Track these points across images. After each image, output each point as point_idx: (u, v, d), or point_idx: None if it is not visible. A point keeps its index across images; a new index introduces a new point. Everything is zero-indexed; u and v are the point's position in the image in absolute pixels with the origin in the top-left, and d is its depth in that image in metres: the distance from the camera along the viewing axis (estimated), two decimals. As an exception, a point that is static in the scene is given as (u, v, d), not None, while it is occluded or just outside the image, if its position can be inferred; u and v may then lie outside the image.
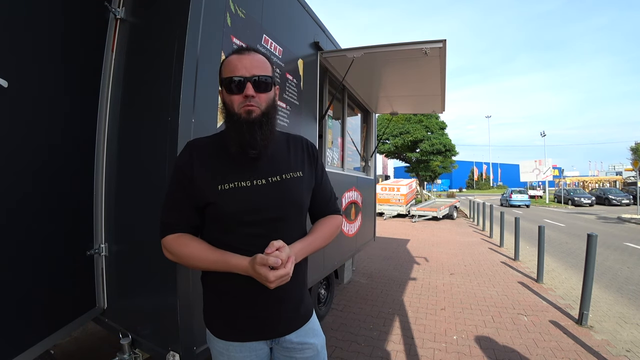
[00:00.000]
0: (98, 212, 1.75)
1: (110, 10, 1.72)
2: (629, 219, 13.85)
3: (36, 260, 1.42)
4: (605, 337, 3.12)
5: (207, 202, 0.93)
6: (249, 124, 0.90)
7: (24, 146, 1.35)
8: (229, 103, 0.93)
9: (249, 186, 0.93)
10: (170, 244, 0.96)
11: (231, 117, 0.93)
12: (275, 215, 0.95)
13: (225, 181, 0.92)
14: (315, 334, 1.07)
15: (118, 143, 1.75)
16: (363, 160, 5.01)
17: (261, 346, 1.01)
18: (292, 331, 1.02)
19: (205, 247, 0.94)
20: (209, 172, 0.94)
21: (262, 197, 0.94)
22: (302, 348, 1.03)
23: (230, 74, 0.91)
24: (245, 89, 0.89)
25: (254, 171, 0.95)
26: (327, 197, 1.13)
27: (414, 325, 3.35)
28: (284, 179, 0.98)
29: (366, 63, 3.06)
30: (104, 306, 1.79)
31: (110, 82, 1.77)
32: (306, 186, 1.03)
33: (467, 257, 6.65)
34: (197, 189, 0.93)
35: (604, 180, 46.23)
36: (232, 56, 0.94)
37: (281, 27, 2.27)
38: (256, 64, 0.92)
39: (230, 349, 0.99)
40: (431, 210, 13.25)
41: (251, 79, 0.90)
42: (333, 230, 1.09)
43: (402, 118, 21.00)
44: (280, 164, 1.00)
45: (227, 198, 0.91)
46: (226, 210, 0.91)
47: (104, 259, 1.78)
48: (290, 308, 1.01)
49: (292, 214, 0.99)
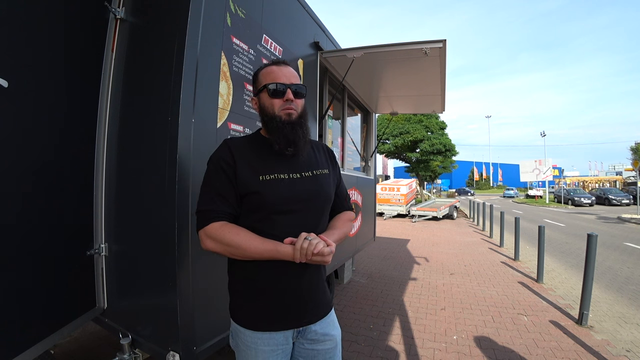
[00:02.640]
0: (98, 212, 1.75)
1: (110, 10, 1.72)
2: (629, 219, 13.85)
3: (36, 260, 1.42)
4: (605, 337, 3.12)
5: (249, 192, 1.00)
6: (291, 124, 1.03)
7: (24, 146, 1.35)
8: (269, 106, 1.05)
9: (287, 179, 1.03)
10: (216, 232, 0.98)
11: (272, 119, 1.05)
12: (308, 206, 1.05)
13: (266, 173, 1.02)
14: (335, 326, 1.16)
15: (118, 143, 1.75)
16: (363, 160, 5.01)
17: (287, 340, 1.06)
18: (319, 319, 1.09)
19: (254, 236, 0.99)
20: (250, 164, 1.03)
21: (298, 190, 1.04)
22: (324, 339, 1.10)
23: (272, 80, 1.05)
24: (286, 94, 1.04)
25: (290, 166, 1.06)
26: (344, 195, 1.26)
27: (414, 325, 3.35)
28: (315, 174, 1.10)
29: (366, 63, 3.07)
30: (104, 306, 1.79)
31: (110, 82, 1.77)
32: (332, 182, 1.16)
33: (467, 257, 6.64)
34: (240, 178, 1.01)
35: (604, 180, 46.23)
36: (272, 67, 1.08)
37: (281, 27, 2.27)
38: (294, 75, 1.09)
39: (259, 342, 1.03)
40: (431, 210, 13.25)
41: (291, 86, 1.05)
42: (351, 225, 1.23)
43: (402, 118, 21.00)
44: (310, 162, 1.12)
45: (268, 188, 1.00)
46: (266, 200, 0.99)
47: (104, 259, 1.78)
48: (320, 293, 1.10)
49: (323, 205, 1.10)
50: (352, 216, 1.25)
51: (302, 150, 1.07)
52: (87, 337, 2.85)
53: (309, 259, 0.94)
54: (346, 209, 1.24)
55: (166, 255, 1.49)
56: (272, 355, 1.03)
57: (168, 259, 1.48)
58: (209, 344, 1.63)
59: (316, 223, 1.06)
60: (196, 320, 1.54)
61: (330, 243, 0.97)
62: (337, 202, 1.20)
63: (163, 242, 1.51)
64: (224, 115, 1.73)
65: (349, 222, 1.20)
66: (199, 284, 1.57)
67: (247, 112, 1.94)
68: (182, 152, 1.47)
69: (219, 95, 1.70)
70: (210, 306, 1.64)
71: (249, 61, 1.93)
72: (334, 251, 0.98)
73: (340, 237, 1.11)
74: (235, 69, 1.82)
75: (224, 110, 1.73)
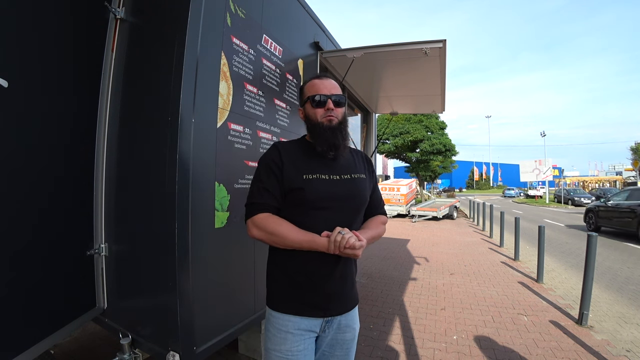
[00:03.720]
0: (98, 212, 1.75)
1: (110, 10, 1.72)
2: (629, 219, 13.82)
3: (36, 260, 1.42)
4: (605, 337, 3.12)
5: (294, 188, 1.10)
6: (332, 130, 1.14)
7: (24, 146, 1.35)
8: (313, 115, 1.17)
9: (327, 179, 1.13)
10: (262, 222, 1.09)
11: (316, 126, 1.16)
12: (344, 205, 1.14)
13: (309, 172, 1.12)
14: (357, 320, 1.25)
15: (118, 143, 1.75)
16: (363, 160, 5.00)
17: (316, 328, 1.14)
18: (346, 311, 1.18)
19: (295, 228, 1.08)
20: (296, 164, 1.14)
21: (337, 189, 1.13)
22: (345, 330, 1.19)
23: (315, 92, 1.17)
24: (327, 103, 1.16)
25: (331, 169, 1.16)
26: (379, 200, 1.35)
27: (414, 325, 3.35)
28: (353, 177, 1.19)
29: (366, 63, 3.07)
30: (104, 306, 1.79)
31: (110, 82, 1.77)
32: (368, 186, 1.25)
33: (467, 257, 6.64)
34: (287, 175, 1.11)
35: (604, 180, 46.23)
36: (315, 80, 1.20)
37: (281, 27, 2.27)
38: (334, 86, 1.19)
39: (289, 325, 1.11)
40: (431, 210, 13.24)
41: (331, 96, 1.16)
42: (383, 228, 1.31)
43: (402, 118, 21.00)
44: (349, 166, 1.22)
45: (311, 186, 1.10)
46: (308, 196, 1.09)
47: (104, 259, 1.78)
48: (349, 287, 1.19)
49: (358, 206, 1.19)
50: (385, 220, 1.34)
51: (342, 154, 1.18)
52: (87, 337, 2.85)
53: (341, 251, 1.01)
54: (380, 213, 1.33)
55: (166, 256, 1.49)
56: (300, 340, 1.11)
57: (168, 259, 1.48)
58: (209, 344, 1.63)
59: (350, 221, 1.13)
60: (196, 320, 1.54)
61: (361, 238, 1.04)
62: (372, 206, 1.29)
63: (163, 242, 1.51)
64: (224, 115, 1.73)
65: (382, 225, 1.28)
66: (199, 284, 1.57)
67: (247, 112, 1.94)
68: (182, 152, 1.47)
69: (219, 95, 1.70)
70: (210, 306, 1.64)
71: (248, 61, 1.93)
72: (365, 246, 1.05)
73: (373, 236, 1.19)
74: (235, 69, 1.82)
75: (224, 110, 1.73)
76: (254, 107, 2.00)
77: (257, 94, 2.02)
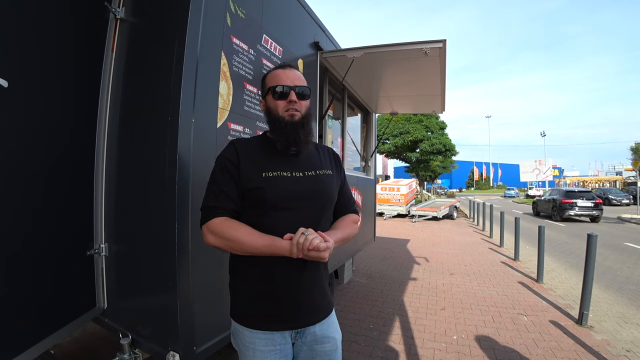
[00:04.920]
0: (98, 212, 1.75)
1: (110, 10, 1.72)
2: (629, 219, 13.85)
3: (36, 260, 1.42)
4: (605, 337, 3.12)
5: (253, 187, 1.02)
6: (293, 125, 1.06)
7: (24, 146, 1.35)
8: (274, 107, 1.09)
9: (290, 177, 1.06)
10: (217, 227, 1.01)
11: (276, 120, 1.08)
12: (308, 204, 1.06)
13: (269, 170, 1.05)
14: (336, 328, 1.16)
15: (118, 143, 1.75)
16: (363, 160, 5.01)
17: (286, 340, 1.07)
18: (319, 321, 1.09)
19: (254, 231, 1.00)
20: (254, 162, 1.06)
21: (299, 187, 1.06)
22: (323, 341, 1.10)
23: (277, 83, 1.09)
24: (289, 95, 1.07)
25: (294, 165, 1.09)
26: (348, 198, 1.27)
27: (414, 325, 3.35)
28: (318, 174, 1.12)
29: (366, 63, 3.06)
30: (104, 306, 1.79)
31: (110, 82, 1.77)
32: (335, 183, 1.18)
33: (467, 257, 6.64)
34: (245, 175, 1.04)
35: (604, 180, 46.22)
36: (278, 70, 1.12)
37: (281, 27, 2.27)
38: (298, 77, 1.12)
39: (257, 342, 1.03)
40: (431, 210, 13.24)
41: (295, 88, 1.09)
42: (355, 227, 1.24)
43: (402, 118, 21.00)
44: (314, 162, 1.15)
45: (271, 184, 1.02)
46: (268, 196, 1.01)
47: (104, 259, 1.78)
48: (319, 295, 1.10)
49: (324, 205, 1.11)
50: (356, 218, 1.25)
51: (304, 150, 1.10)
52: (87, 337, 2.85)
53: (305, 254, 0.93)
54: (350, 212, 1.24)
55: (166, 255, 1.49)
56: (270, 355, 1.03)
57: (168, 258, 1.48)
58: (209, 344, 1.63)
59: (316, 221, 1.06)
60: (196, 320, 1.54)
61: (328, 239, 0.96)
62: (341, 204, 1.21)
63: (163, 242, 1.51)
64: (224, 115, 1.73)
65: (353, 224, 1.20)
66: (199, 284, 1.57)
67: (247, 112, 1.94)
68: (182, 152, 1.47)
69: (219, 95, 1.70)
70: (210, 306, 1.64)
71: (249, 61, 1.93)
72: (332, 248, 0.97)
73: (342, 237, 1.11)
74: (235, 69, 1.82)
75: (224, 110, 1.73)
76: (254, 107, 2.00)
77: (257, 94, 2.02)
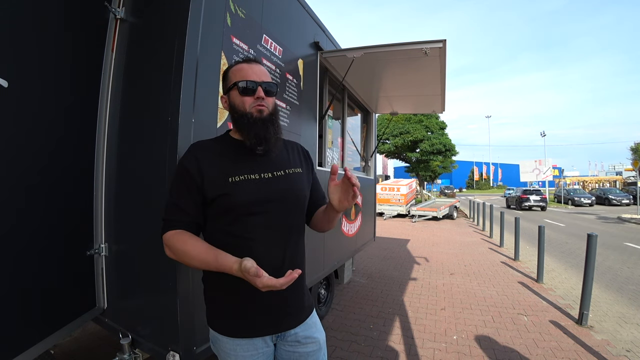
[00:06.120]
0: (98, 212, 1.75)
1: (110, 10, 1.72)
2: (629, 219, 13.85)
3: (36, 260, 1.42)
4: (605, 337, 3.12)
5: (218, 194, 0.97)
6: (263, 121, 1.02)
7: (24, 146, 1.35)
8: (240, 104, 1.03)
9: (258, 179, 1.01)
10: (169, 240, 0.99)
11: (243, 117, 1.02)
12: (280, 206, 1.02)
13: (235, 174, 0.99)
14: (318, 329, 1.14)
15: (118, 143, 1.75)
16: (363, 160, 5.01)
17: (268, 343, 1.05)
18: (300, 323, 1.08)
19: (201, 245, 0.97)
20: (217, 167, 1.00)
21: (269, 189, 1.01)
22: (306, 342, 1.08)
23: (243, 78, 1.02)
24: (257, 91, 1.02)
25: (261, 166, 1.04)
26: (322, 195, 1.24)
27: (414, 325, 3.35)
28: (288, 173, 1.07)
29: (366, 63, 3.06)
30: (104, 306, 1.79)
31: (110, 82, 1.77)
32: (306, 181, 1.14)
33: (467, 257, 6.64)
34: (207, 183, 0.98)
35: (604, 180, 46.22)
36: (243, 64, 1.05)
37: (281, 27, 2.27)
38: (264, 73, 1.07)
39: (238, 349, 1.01)
40: (431, 210, 13.24)
41: (262, 84, 1.03)
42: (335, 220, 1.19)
43: (402, 118, 21.00)
44: (283, 161, 1.10)
45: (238, 189, 0.97)
46: (237, 201, 0.97)
47: (104, 259, 1.78)
48: (297, 297, 1.08)
49: (296, 205, 1.08)
50: None
51: (274, 148, 1.05)
52: (87, 337, 2.85)
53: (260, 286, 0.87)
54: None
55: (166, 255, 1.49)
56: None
57: (168, 259, 1.48)
58: (209, 344, 1.62)
59: (290, 224, 1.04)
60: (196, 320, 1.54)
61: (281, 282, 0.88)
62: (314, 202, 1.18)
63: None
64: (224, 115, 1.73)
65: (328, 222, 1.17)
66: (199, 284, 1.56)
67: (247, 112, 1.94)
68: (182, 152, 1.47)
69: (219, 95, 1.70)
70: (210, 306, 1.64)
71: (249, 61, 1.93)
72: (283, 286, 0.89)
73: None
74: (235, 69, 1.82)
75: (224, 110, 1.73)
76: (254, 107, 2.00)
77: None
